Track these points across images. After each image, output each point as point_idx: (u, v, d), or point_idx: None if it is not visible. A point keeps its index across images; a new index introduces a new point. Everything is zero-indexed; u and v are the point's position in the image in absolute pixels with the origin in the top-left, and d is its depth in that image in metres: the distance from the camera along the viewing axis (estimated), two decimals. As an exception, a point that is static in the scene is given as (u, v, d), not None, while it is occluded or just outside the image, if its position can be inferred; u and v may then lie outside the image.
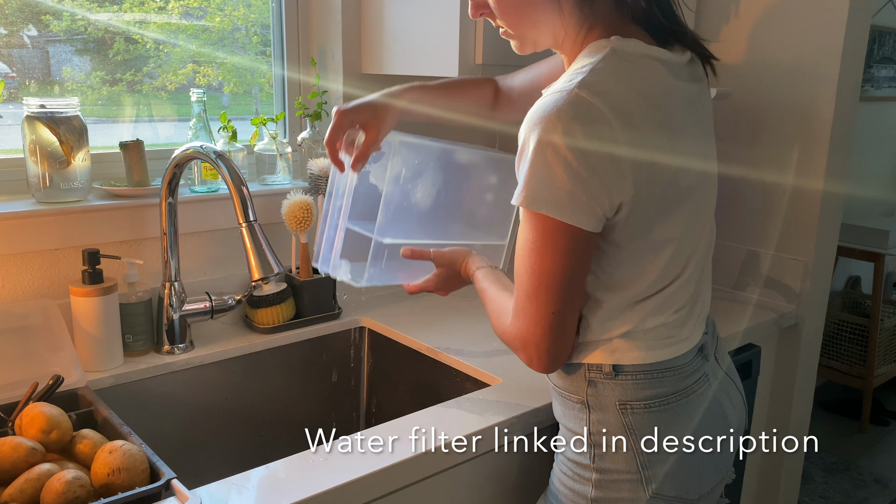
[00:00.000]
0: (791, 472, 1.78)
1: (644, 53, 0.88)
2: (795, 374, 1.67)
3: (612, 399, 0.94)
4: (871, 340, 3.09)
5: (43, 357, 1.12)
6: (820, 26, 1.50)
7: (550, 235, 0.85)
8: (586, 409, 0.96)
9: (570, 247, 0.86)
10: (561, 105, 0.81)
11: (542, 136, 0.81)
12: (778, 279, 1.63)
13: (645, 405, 0.94)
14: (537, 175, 0.82)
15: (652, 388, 0.94)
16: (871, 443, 3.08)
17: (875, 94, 3.28)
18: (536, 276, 0.87)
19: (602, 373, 0.94)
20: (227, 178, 1.13)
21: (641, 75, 0.87)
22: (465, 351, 1.31)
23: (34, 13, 1.31)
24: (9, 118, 1.27)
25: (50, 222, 1.22)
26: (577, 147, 0.80)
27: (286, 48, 1.55)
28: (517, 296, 0.91)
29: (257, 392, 1.39)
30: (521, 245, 0.88)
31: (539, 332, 0.89)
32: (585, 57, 0.88)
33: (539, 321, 0.89)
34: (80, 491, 0.82)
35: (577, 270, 0.88)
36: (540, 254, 0.86)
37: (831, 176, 1.55)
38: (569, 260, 0.86)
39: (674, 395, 0.95)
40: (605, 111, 0.81)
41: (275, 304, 1.38)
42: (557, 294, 0.88)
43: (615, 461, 0.94)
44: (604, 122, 0.81)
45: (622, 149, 0.83)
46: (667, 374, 0.95)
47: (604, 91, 0.82)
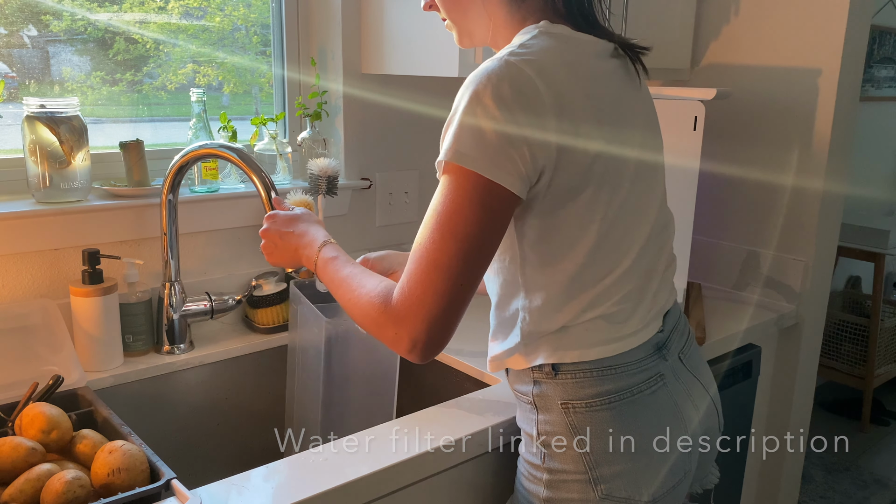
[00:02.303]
0: (791, 472, 1.78)
1: (571, 36, 0.91)
2: (795, 374, 1.67)
3: (555, 399, 0.93)
4: (871, 340, 3.09)
5: (43, 357, 1.12)
6: (820, 26, 1.50)
7: (473, 195, 0.83)
8: (535, 409, 0.95)
9: (492, 208, 0.83)
10: (492, 69, 0.83)
11: (472, 96, 0.83)
12: (778, 279, 1.63)
13: (586, 404, 0.92)
14: (466, 132, 0.82)
15: (593, 387, 0.92)
16: (871, 443, 3.08)
17: (875, 94, 3.29)
18: (448, 242, 0.83)
19: (543, 372, 0.94)
20: (254, 176, 1.16)
21: (569, 50, 0.90)
22: (464, 351, 1.31)
23: (34, 13, 1.31)
24: (9, 118, 1.27)
25: (50, 222, 1.22)
26: (506, 105, 0.82)
27: (286, 48, 1.55)
28: (416, 267, 0.85)
29: (257, 392, 1.39)
30: (436, 210, 0.84)
31: (437, 308, 0.84)
32: (517, 38, 0.91)
33: (442, 294, 0.83)
34: (80, 491, 0.82)
35: (492, 239, 0.85)
36: (457, 216, 0.83)
37: (831, 176, 1.55)
38: (488, 223, 0.84)
39: (617, 393, 0.93)
40: (533, 76, 0.84)
41: (275, 304, 1.38)
42: (468, 262, 0.84)
43: (563, 461, 0.93)
44: (531, 85, 0.83)
45: (548, 113, 0.84)
46: (609, 372, 0.93)
47: (532, 60, 0.85)
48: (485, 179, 0.82)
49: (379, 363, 1.24)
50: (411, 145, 1.67)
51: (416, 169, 1.69)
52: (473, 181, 0.83)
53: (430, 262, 0.84)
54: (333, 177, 1.40)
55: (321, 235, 1.04)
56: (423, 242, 0.85)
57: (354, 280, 0.95)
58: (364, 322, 0.91)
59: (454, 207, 0.84)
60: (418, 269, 0.85)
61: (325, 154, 1.51)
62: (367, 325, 0.91)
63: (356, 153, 1.58)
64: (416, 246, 0.86)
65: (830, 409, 3.29)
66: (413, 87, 1.61)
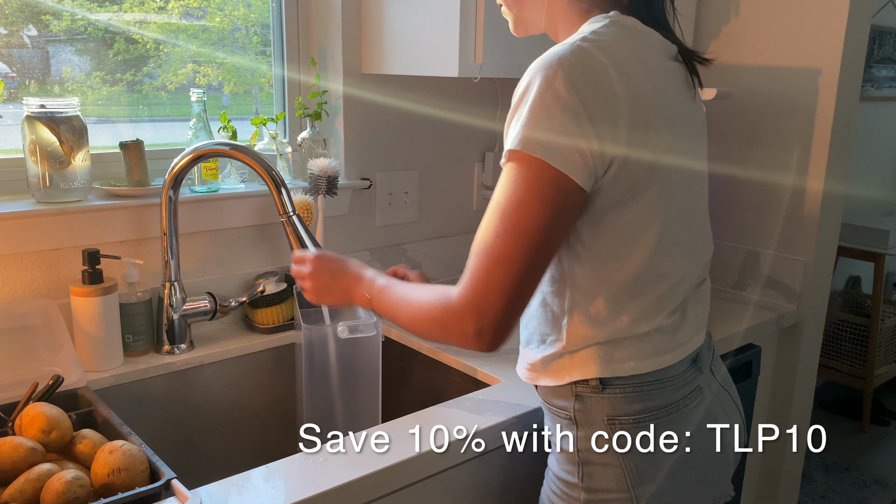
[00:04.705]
0: (791, 472, 1.78)
1: (642, 29, 0.89)
2: (795, 375, 1.67)
3: (600, 414, 0.89)
4: (871, 340, 3.09)
5: (43, 357, 1.12)
6: (820, 26, 1.50)
7: (539, 186, 0.80)
8: (574, 425, 0.91)
9: (558, 200, 0.80)
10: (563, 54, 0.80)
11: (543, 81, 0.79)
12: (778, 279, 1.63)
13: (633, 420, 0.89)
14: (536, 119, 0.79)
15: (642, 402, 0.89)
16: (871, 443, 3.08)
17: (875, 94, 3.28)
18: (513, 234, 0.80)
19: (589, 386, 0.89)
20: (265, 175, 1.18)
21: (641, 43, 0.87)
22: (464, 351, 1.31)
23: (34, 13, 1.31)
24: (9, 118, 1.27)
25: (50, 222, 1.22)
26: (577, 92, 0.79)
27: (286, 48, 1.55)
28: (479, 261, 0.82)
29: (257, 392, 1.39)
30: (499, 202, 0.82)
31: (500, 301, 0.81)
32: (586, 27, 0.87)
33: (504, 287, 0.81)
34: (80, 491, 0.82)
35: (557, 232, 0.82)
36: (522, 209, 0.80)
37: (831, 176, 1.55)
38: (554, 217, 0.81)
39: (665, 408, 0.90)
40: (605, 63, 0.81)
41: (275, 304, 1.38)
42: (532, 256, 0.81)
43: (604, 481, 0.89)
44: (605, 73, 0.80)
45: (620, 103, 0.81)
46: (657, 386, 0.90)
47: (605, 47, 0.82)
48: (552, 169, 0.79)
49: (361, 365, 1.25)
50: (411, 145, 1.67)
51: (416, 169, 1.69)
52: (540, 171, 0.79)
53: (493, 256, 0.81)
54: (333, 177, 1.40)
55: (371, 272, 1.02)
56: (485, 236, 0.82)
57: (410, 295, 0.93)
58: (429, 328, 0.89)
59: (519, 199, 0.80)
60: (481, 264, 0.82)
61: (325, 154, 1.51)
62: (433, 329, 0.88)
63: (356, 153, 1.58)
64: (479, 240, 0.83)
65: (830, 409, 3.29)
66: (413, 87, 1.61)
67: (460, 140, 1.75)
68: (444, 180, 1.75)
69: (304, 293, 1.08)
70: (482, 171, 1.81)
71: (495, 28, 1.32)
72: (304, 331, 1.23)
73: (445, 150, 1.73)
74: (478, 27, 1.32)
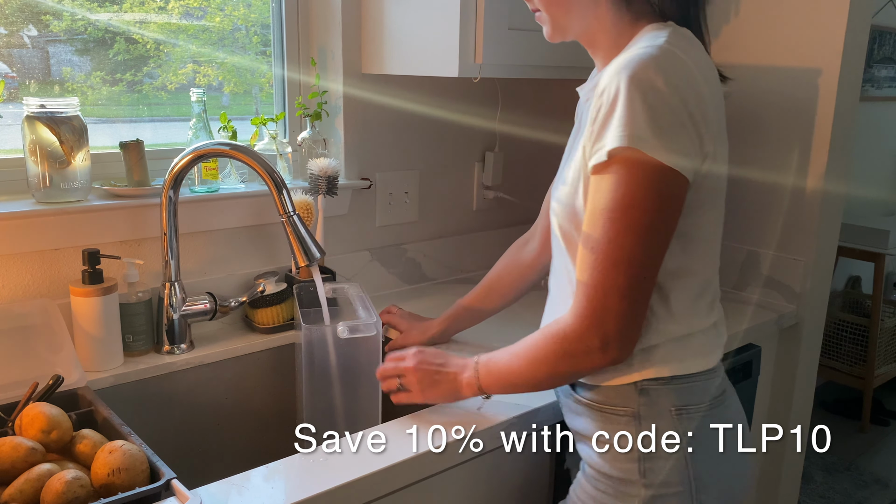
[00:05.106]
0: (791, 472, 1.78)
1: (695, 40, 0.91)
2: (795, 375, 1.67)
3: (667, 406, 0.89)
4: (871, 340, 3.09)
5: (43, 357, 1.12)
6: (820, 26, 1.50)
7: (652, 182, 0.79)
8: (635, 420, 0.90)
9: (671, 196, 0.81)
10: (655, 55, 0.81)
11: (640, 82, 0.79)
12: (778, 279, 1.63)
13: (696, 410, 0.90)
14: (637, 114, 0.78)
15: (706, 392, 0.91)
16: (871, 443, 3.08)
17: (875, 94, 3.28)
18: (627, 235, 0.80)
19: (658, 381, 0.89)
20: (265, 175, 1.18)
21: (701, 54, 0.89)
22: (465, 350, 1.31)
23: (34, 13, 1.31)
24: (9, 118, 1.27)
25: (50, 222, 1.22)
26: (678, 91, 0.80)
27: (286, 48, 1.55)
28: (592, 270, 0.82)
29: (257, 392, 1.39)
30: (609, 205, 0.81)
31: (624, 306, 0.81)
32: (651, 34, 0.87)
33: (625, 292, 0.80)
34: (80, 491, 0.82)
35: (669, 227, 0.83)
36: (637, 206, 0.79)
37: (831, 176, 1.55)
38: (667, 212, 0.81)
39: (718, 397, 0.93)
40: (692, 66, 0.83)
41: (275, 304, 1.38)
42: (648, 254, 0.81)
43: (666, 474, 0.89)
44: (693, 74, 0.83)
45: (707, 104, 0.84)
46: (710, 376, 0.92)
47: (685, 52, 0.84)
48: (660, 164, 0.79)
49: (361, 365, 1.25)
50: (411, 145, 1.67)
51: (416, 169, 1.69)
52: (651, 168, 0.79)
53: (608, 261, 0.81)
54: (333, 177, 1.40)
55: (469, 358, 1.02)
56: (595, 244, 0.82)
57: (519, 349, 0.93)
58: (554, 367, 0.88)
59: (631, 199, 0.80)
60: (594, 273, 0.81)
61: (325, 154, 1.51)
62: (558, 365, 0.88)
63: (356, 153, 1.58)
64: (588, 249, 0.83)
65: (830, 409, 3.29)
66: (413, 87, 1.61)
67: (460, 140, 1.75)
68: (444, 180, 1.75)
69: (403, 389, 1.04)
70: (482, 171, 1.81)
71: (495, 28, 1.32)
72: (304, 331, 1.23)
73: (445, 150, 1.73)
74: (478, 27, 1.32)
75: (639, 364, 0.90)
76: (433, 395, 1.02)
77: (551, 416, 1.11)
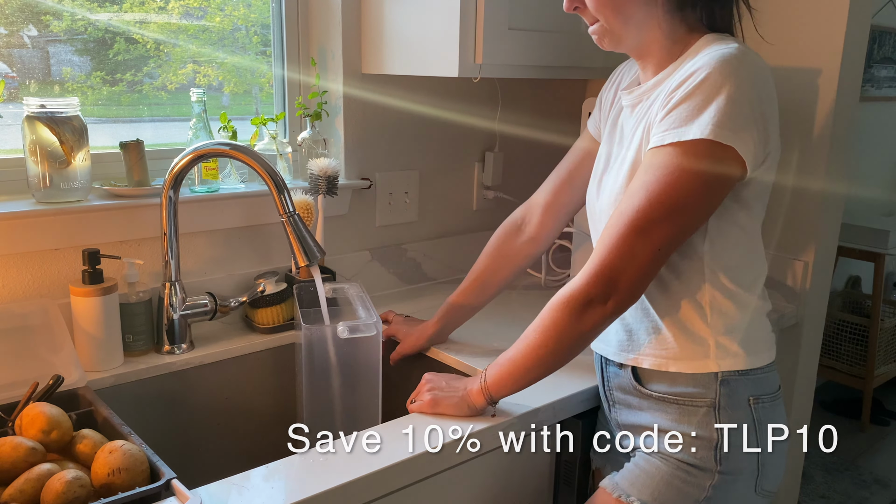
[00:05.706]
0: (791, 472, 1.78)
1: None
2: (795, 374, 1.67)
3: (744, 395, 0.95)
4: (871, 340, 3.09)
5: (43, 357, 1.12)
6: (820, 26, 1.50)
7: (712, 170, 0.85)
8: (713, 410, 0.95)
9: (723, 186, 0.87)
10: (734, 54, 0.86)
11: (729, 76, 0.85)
12: (778, 279, 1.63)
13: (771, 397, 0.97)
14: (724, 109, 0.84)
15: (775, 381, 0.99)
16: (871, 443, 3.08)
17: (875, 94, 3.28)
18: (661, 210, 0.85)
19: (738, 371, 0.95)
20: (265, 175, 1.18)
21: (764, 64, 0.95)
22: (465, 350, 1.31)
23: (34, 13, 1.31)
24: (9, 118, 1.27)
25: (50, 222, 1.22)
26: (759, 91, 0.86)
27: (286, 48, 1.55)
28: (616, 233, 0.86)
29: (257, 392, 1.39)
30: (659, 180, 0.85)
31: (633, 267, 0.86)
32: (717, 42, 0.92)
33: (641, 262, 0.86)
34: (80, 491, 0.82)
35: (705, 217, 0.89)
36: (685, 187, 0.85)
37: (831, 176, 1.55)
38: (711, 201, 0.87)
39: (779, 389, 1.00)
40: (769, 69, 0.90)
41: (275, 304, 1.38)
42: (676, 233, 0.86)
43: (739, 461, 0.94)
44: (769, 75, 0.89)
45: (776, 105, 0.91)
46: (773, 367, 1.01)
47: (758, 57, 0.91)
48: (737, 157, 0.85)
49: (361, 365, 1.25)
50: (411, 145, 1.67)
51: (416, 169, 1.69)
52: (715, 155, 0.85)
53: (627, 229, 0.86)
54: (333, 177, 1.40)
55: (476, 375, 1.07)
56: (624, 212, 0.87)
57: (521, 338, 0.97)
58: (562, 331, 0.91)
59: (682, 180, 0.85)
60: (619, 238, 0.86)
61: (325, 154, 1.51)
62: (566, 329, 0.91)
63: (356, 153, 1.58)
64: (621, 213, 0.87)
65: (830, 409, 3.29)
66: (413, 87, 1.61)
67: (460, 140, 1.75)
68: (444, 180, 1.75)
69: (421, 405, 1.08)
70: (482, 171, 1.81)
71: (495, 28, 1.32)
72: (304, 331, 1.23)
73: (445, 150, 1.73)
74: (478, 27, 1.32)
75: (720, 354, 0.95)
76: (443, 405, 1.05)
77: (551, 416, 1.11)
